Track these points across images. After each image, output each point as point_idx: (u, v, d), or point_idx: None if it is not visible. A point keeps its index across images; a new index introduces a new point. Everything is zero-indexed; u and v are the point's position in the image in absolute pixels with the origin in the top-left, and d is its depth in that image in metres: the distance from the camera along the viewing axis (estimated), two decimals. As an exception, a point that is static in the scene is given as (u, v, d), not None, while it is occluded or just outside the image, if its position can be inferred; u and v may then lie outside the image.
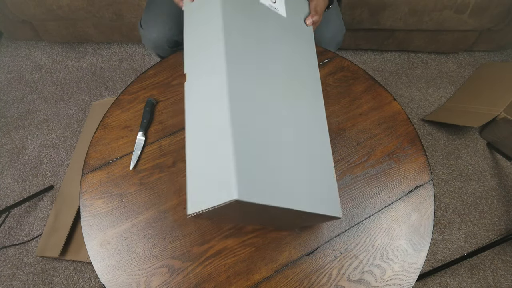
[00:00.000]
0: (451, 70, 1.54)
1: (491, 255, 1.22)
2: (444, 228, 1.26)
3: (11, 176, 1.33)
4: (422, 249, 0.68)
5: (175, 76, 0.83)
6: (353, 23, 1.31)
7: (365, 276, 0.66)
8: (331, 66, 0.85)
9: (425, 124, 1.43)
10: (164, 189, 0.72)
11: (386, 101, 0.82)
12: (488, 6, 1.21)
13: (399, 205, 0.72)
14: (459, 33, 1.39)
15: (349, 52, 1.57)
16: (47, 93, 1.49)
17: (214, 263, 0.66)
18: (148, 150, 0.76)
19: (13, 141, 1.40)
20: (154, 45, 0.95)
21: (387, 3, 1.21)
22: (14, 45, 1.60)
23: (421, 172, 0.75)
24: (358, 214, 0.71)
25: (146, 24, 0.93)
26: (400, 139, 0.78)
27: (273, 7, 0.65)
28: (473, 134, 1.41)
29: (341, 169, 0.74)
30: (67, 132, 1.41)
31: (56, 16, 1.32)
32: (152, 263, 0.66)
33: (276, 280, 0.65)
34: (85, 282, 1.16)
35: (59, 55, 1.57)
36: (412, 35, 1.42)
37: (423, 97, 1.48)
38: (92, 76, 1.52)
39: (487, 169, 1.35)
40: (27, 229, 1.25)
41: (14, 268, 1.19)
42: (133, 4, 1.25)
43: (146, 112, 0.78)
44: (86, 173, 0.74)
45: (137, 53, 1.56)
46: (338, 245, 0.68)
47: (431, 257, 1.22)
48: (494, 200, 1.30)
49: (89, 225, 0.69)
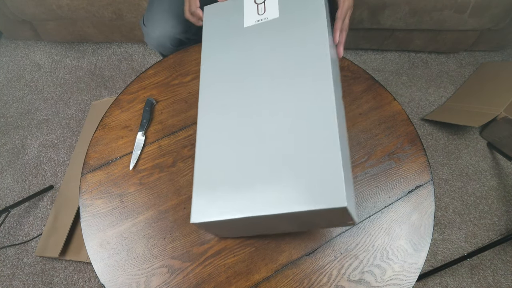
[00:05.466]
0: (451, 70, 1.54)
1: (491, 255, 1.22)
2: (444, 228, 1.26)
3: (10, 176, 1.33)
4: (422, 249, 0.68)
5: (175, 76, 0.83)
6: (353, 23, 1.31)
7: (365, 276, 0.66)
8: (331, 66, 0.85)
9: (425, 124, 1.43)
10: (164, 189, 0.72)
11: (386, 101, 0.82)
12: (488, 6, 1.21)
13: (399, 205, 0.72)
14: (459, 33, 1.39)
15: (349, 52, 1.57)
16: (46, 93, 1.49)
17: (214, 263, 0.66)
18: (148, 150, 0.76)
19: (12, 141, 1.40)
20: (157, 43, 0.94)
21: (387, 3, 1.21)
22: (13, 45, 1.60)
23: (421, 172, 0.75)
24: (358, 214, 0.71)
25: (149, 21, 0.92)
26: (400, 139, 0.78)
27: (260, 19, 0.66)
28: (473, 134, 1.41)
29: (341, 169, 0.74)
30: (66, 132, 1.41)
31: (55, 16, 1.32)
32: (152, 263, 0.66)
33: (276, 280, 0.65)
34: (84, 282, 1.16)
35: (58, 55, 1.57)
36: (412, 35, 1.42)
37: (423, 97, 1.48)
38: (92, 76, 1.52)
39: (488, 169, 1.35)
40: (26, 229, 1.24)
41: (14, 268, 1.19)
42: (133, 4, 1.25)
43: (145, 112, 0.78)
44: (86, 173, 0.74)
45: (137, 53, 1.56)
46: (338, 245, 0.68)
47: (431, 257, 1.22)
48: (494, 200, 1.30)
49: (88, 225, 0.69)
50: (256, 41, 0.64)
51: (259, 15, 0.66)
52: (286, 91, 0.58)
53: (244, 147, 0.56)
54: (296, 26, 0.63)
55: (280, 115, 0.57)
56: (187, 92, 0.81)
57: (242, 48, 0.64)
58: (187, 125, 0.78)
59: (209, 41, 0.67)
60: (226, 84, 0.62)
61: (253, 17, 0.66)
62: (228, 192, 0.54)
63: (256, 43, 0.64)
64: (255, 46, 0.64)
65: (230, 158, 0.56)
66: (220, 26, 0.68)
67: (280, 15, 0.65)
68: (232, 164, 0.56)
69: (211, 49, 0.66)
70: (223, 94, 0.61)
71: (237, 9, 0.69)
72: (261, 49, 0.63)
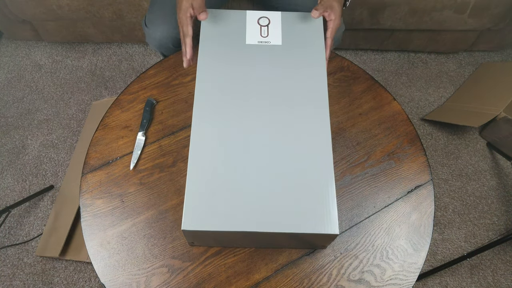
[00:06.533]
0: (451, 70, 1.54)
1: (491, 255, 1.22)
2: (444, 228, 1.26)
3: (11, 176, 1.33)
4: (422, 249, 0.68)
5: (175, 76, 0.83)
6: (353, 23, 1.31)
7: (365, 276, 0.66)
8: (331, 66, 0.85)
9: (425, 124, 1.43)
10: (164, 189, 0.72)
11: (386, 101, 0.82)
12: (488, 6, 1.21)
13: (399, 205, 0.72)
14: (459, 33, 1.39)
15: (349, 52, 1.57)
16: (47, 93, 1.49)
17: (214, 263, 0.66)
18: (148, 150, 0.76)
19: (13, 141, 1.40)
20: (159, 44, 0.94)
21: (387, 3, 1.21)
22: (14, 45, 1.60)
23: (421, 172, 0.75)
24: (358, 214, 0.71)
25: (150, 23, 0.92)
26: (400, 139, 0.78)
27: (264, 41, 0.67)
28: (473, 134, 1.41)
29: (341, 169, 0.75)
30: (67, 132, 1.41)
31: (56, 16, 1.32)
32: (152, 263, 0.66)
33: (276, 280, 0.65)
34: (85, 282, 1.16)
35: (59, 55, 1.57)
36: (412, 35, 1.42)
37: (423, 97, 1.48)
38: (92, 76, 1.52)
39: (487, 169, 1.35)
40: (27, 229, 1.25)
41: (14, 268, 1.19)
42: (133, 4, 1.25)
43: (146, 112, 0.78)
44: (86, 173, 0.74)
45: (137, 53, 1.56)
46: (338, 245, 0.68)
47: (431, 257, 1.22)
48: (494, 200, 1.30)
49: (89, 225, 0.69)
50: (258, 59, 0.65)
51: (262, 37, 0.68)
52: (285, 114, 0.61)
53: (239, 161, 0.57)
54: (297, 56, 0.66)
55: (277, 134, 0.59)
56: (188, 92, 0.82)
57: (243, 63, 0.65)
58: (187, 125, 0.78)
59: (207, 48, 0.67)
60: (223, 97, 0.62)
61: (255, 37, 0.68)
62: (223, 204, 0.54)
63: (258, 61, 0.65)
64: (256, 64, 0.65)
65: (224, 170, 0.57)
66: (221, 35, 0.68)
67: (283, 43, 0.67)
68: (226, 178, 0.56)
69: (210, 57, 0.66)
70: (220, 104, 0.62)
71: (239, 24, 0.69)
72: (263, 68, 0.65)
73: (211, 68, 0.64)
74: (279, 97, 0.62)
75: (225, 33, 0.68)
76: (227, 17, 0.70)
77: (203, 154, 0.57)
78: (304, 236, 0.55)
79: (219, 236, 0.57)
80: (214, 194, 0.54)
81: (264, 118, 0.60)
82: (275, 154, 0.57)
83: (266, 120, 0.60)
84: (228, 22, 0.69)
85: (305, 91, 0.63)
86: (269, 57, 0.66)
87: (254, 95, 0.62)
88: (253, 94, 0.62)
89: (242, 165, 0.56)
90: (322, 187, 0.55)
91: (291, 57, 0.66)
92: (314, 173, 0.56)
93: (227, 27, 0.69)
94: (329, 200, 0.55)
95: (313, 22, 0.70)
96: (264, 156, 0.57)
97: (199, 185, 0.55)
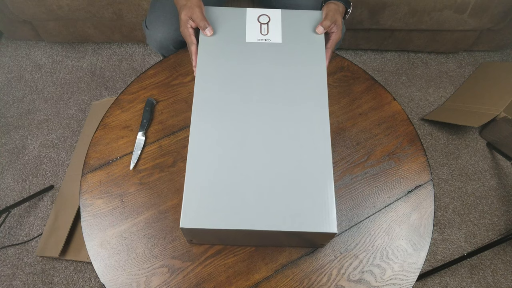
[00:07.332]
0: (451, 70, 1.54)
1: (491, 255, 1.22)
2: (444, 228, 1.26)
3: (11, 176, 1.33)
4: (422, 249, 0.68)
5: (175, 76, 0.83)
6: (353, 23, 1.31)
7: (365, 276, 0.66)
8: (331, 66, 0.85)
9: (425, 124, 1.43)
10: (164, 189, 0.72)
11: (386, 101, 0.82)
12: (488, 6, 1.21)
13: (399, 205, 0.72)
14: (459, 33, 1.39)
15: (349, 52, 1.57)
16: (47, 93, 1.49)
17: (214, 263, 0.66)
18: (148, 150, 0.76)
19: (13, 141, 1.40)
20: (160, 46, 0.94)
21: (387, 3, 1.21)
22: (14, 45, 1.60)
23: (421, 172, 0.75)
24: (358, 214, 0.71)
25: (151, 24, 0.92)
26: (400, 139, 0.78)
27: (264, 39, 0.67)
28: (473, 134, 1.41)
29: (341, 169, 0.75)
30: (67, 132, 1.41)
31: (56, 16, 1.32)
32: (152, 263, 0.66)
33: (276, 280, 0.65)
34: (85, 282, 1.16)
35: (59, 55, 1.57)
36: (412, 35, 1.42)
37: (423, 97, 1.48)
38: (92, 76, 1.52)
39: (487, 169, 1.35)
40: (27, 229, 1.25)
41: (14, 268, 1.19)
42: (133, 4, 1.25)
43: (146, 112, 0.78)
44: (86, 173, 0.74)
45: (137, 53, 1.56)
46: (338, 245, 0.68)
47: (431, 257, 1.22)
48: (494, 200, 1.30)
49: (89, 225, 0.69)
50: (258, 57, 0.65)
51: (262, 35, 0.68)
52: (285, 113, 0.61)
53: (238, 159, 0.57)
54: (297, 54, 0.66)
55: (276, 132, 0.59)
56: (188, 92, 0.82)
57: (242, 61, 0.65)
58: (187, 125, 0.78)
59: (207, 45, 0.67)
60: (223, 94, 0.62)
61: (255, 35, 0.68)
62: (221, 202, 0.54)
63: (258, 59, 0.65)
64: (256, 62, 0.65)
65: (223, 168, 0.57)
66: (220, 32, 0.68)
67: (283, 41, 0.67)
68: (225, 176, 0.56)
69: (209, 53, 0.66)
70: (220, 102, 0.62)
71: (239, 22, 0.69)
72: (263, 66, 0.65)
73: (210, 66, 0.64)
74: (278, 95, 0.62)
75: (225, 30, 0.68)
76: (227, 15, 0.70)
77: (202, 151, 0.57)
78: (302, 235, 0.55)
79: (218, 234, 0.57)
80: (212, 192, 0.54)
81: (264, 116, 0.60)
82: (273, 151, 0.57)
83: (266, 118, 0.60)
84: (228, 19, 0.69)
85: (305, 89, 0.63)
86: (269, 55, 0.66)
87: (254, 93, 0.62)
88: (252, 92, 0.62)
89: (240, 163, 0.56)
90: (321, 185, 0.55)
91: (291, 55, 0.66)
92: (313, 171, 0.56)
93: (227, 24, 0.69)
94: (328, 198, 0.55)
95: (313, 20, 0.70)
96: (263, 153, 0.57)
97: (198, 183, 0.55)
